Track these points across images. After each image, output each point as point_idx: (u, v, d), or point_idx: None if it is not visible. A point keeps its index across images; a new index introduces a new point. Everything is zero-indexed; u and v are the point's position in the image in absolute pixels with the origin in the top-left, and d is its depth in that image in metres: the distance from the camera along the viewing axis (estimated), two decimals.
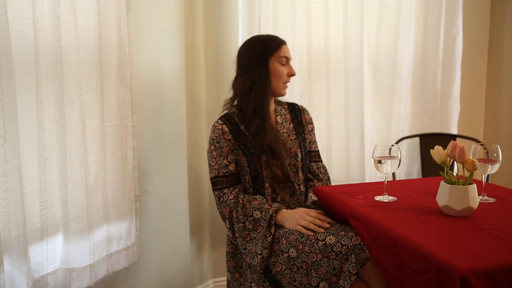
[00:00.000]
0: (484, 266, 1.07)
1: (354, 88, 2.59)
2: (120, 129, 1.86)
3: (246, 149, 1.84)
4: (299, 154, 1.91)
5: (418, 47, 2.68)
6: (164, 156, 2.23)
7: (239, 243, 1.73)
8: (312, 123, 2.04)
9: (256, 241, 1.70)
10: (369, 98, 2.63)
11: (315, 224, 1.65)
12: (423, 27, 2.68)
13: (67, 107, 1.61)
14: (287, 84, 1.93)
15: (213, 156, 1.84)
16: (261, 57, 1.86)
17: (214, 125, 1.88)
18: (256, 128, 1.83)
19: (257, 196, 1.80)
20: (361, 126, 2.61)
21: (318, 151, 2.05)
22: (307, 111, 2.06)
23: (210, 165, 1.86)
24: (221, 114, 1.94)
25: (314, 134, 2.05)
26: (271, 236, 1.69)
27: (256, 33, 2.38)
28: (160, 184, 2.21)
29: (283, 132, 1.93)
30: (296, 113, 2.02)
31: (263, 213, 1.73)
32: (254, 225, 1.73)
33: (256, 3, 2.37)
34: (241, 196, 1.79)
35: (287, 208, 1.82)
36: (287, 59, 1.89)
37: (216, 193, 1.83)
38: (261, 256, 1.66)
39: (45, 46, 1.54)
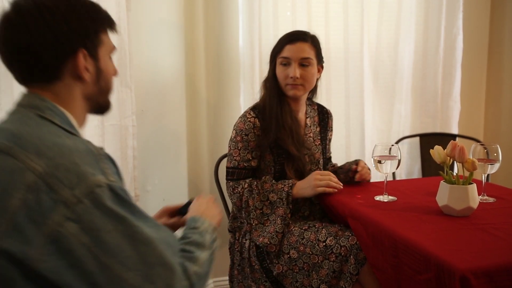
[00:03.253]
0: (484, 266, 1.07)
1: (355, 88, 2.58)
2: (120, 129, 1.87)
3: (275, 148, 1.80)
4: (320, 161, 1.90)
5: (419, 47, 2.68)
6: (164, 156, 2.23)
7: (258, 229, 1.70)
8: (332, 131, 2.02)
9: (275, 221, 1.67)
10: (370, 98, 2.63)
11: (333, 182, 1.68)
12: (423, 27, 2.67)
13: None
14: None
15: (237, 147, 1.78)
16: (272, 55, 1.85)
17: (245, 115, 1.80)
18: (265, 126, 1.78)
19: (266, 178, 1.76)
20: (362, 126, 2.61)
21: (330, 157, 2.05)
22: (332, 118, 2.02)
23: (231, 154, 1.80)
24: (254, 104, 1.87)
25: (329, 141, 2.02)
26: (290, 213, 1.69)
27: (256, 33, 2.38)
28: (160, 184, 2.21)
29: (309, 137, 1.88)
30: (324, 115, 1.98)
31: (278, 193, 1.70)
32: (272, 209, 1.70)
33: (256, 3, 2.37)
34: (254, 183, 1.74)
35: (297, 211, 1.81)
36: (288, 59, 1.78)
37: (231, 183, 1.78)
38: (281, 233, 1.65)
39: None
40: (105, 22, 1.00)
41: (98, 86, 1.00)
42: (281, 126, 1.77)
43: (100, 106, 1.05)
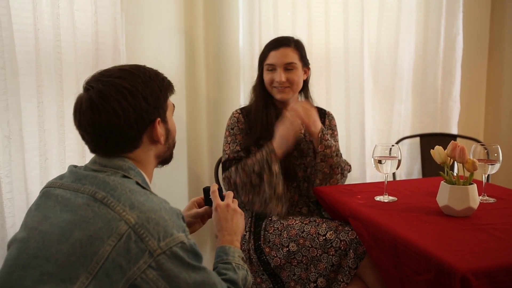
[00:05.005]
0: (484, 266, 1.07)
1: (355, 88, 2.58)
2: None
3: (259, 146, 1.84)
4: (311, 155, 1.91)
5: (419, 47, 2.68)
6: None
7: (260, 201, 1.74)
8: (333, 130, 2.02)
9: (277, 202, 1.71)
10: (370, 98, 2.63)
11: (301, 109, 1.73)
12: (423, 27, 2.67)
13: (66, 106, 1.62)
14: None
15: (227, 141, 1.89)
16: (259, 61, 1.93)
17: (232, 113, 1.94)
18: (250, 125, 1.88)
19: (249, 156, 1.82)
20: (362, 126, 2.61)
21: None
22: (332, 117, 2.04)
23: (223, 150, 1.90)
24: (244, 106, 1.98)
25: (336, 141, 2.01)
26: (279, 169, 1.72)
27: (256, 33, 2.38)
28: (160, 184, 2.20)
29: (300, 133, 1.91)
30: (320, 116, 1.98)
31: (261, 162, 1.73)
32: (260, 177, 1.72)
33: (256, 3, 2.37)
34: (240, 164, 1.78)
35: (295, 207, 1.85)
36: (273, 66, 1.86)
37: (223, 176, 1.83)
38: (282, 206, 1.70)
39: (46, 46, 1.54)
40: (168, 88, 1.10)
41: (167, 145, 1.12)
42: (265, 129, 1.84)
43: (166, 159, 1.17)
